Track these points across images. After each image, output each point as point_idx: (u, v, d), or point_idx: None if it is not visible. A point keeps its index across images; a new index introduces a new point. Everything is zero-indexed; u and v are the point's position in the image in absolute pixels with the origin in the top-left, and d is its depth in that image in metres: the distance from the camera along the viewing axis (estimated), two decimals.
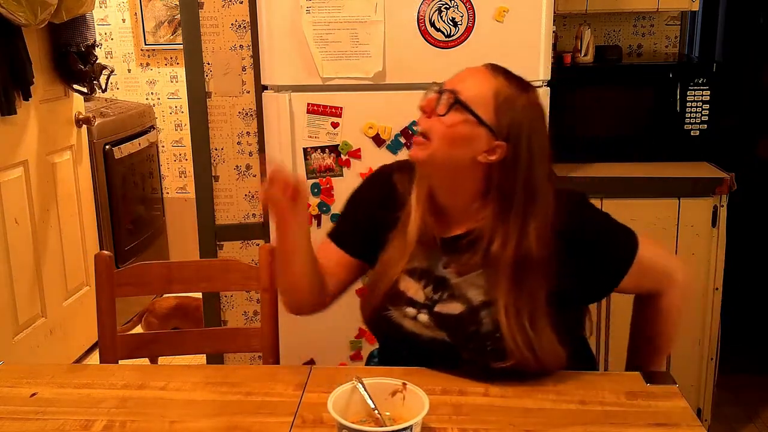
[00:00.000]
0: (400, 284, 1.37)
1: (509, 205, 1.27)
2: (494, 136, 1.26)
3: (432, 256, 1.36)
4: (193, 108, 2.53)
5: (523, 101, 1.28)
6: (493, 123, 1.26)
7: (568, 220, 1.29)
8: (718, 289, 2.38)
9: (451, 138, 1.27)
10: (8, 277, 2.74)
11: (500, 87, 1.27)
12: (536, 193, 1.28)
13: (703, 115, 2.47)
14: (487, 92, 1.27)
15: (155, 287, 1.79)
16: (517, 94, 1.28)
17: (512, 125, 1.27)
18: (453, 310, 1.33)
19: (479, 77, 1.29)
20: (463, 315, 1.31)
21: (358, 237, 1.46)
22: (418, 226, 1.34)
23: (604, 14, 2.74)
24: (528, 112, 1.29)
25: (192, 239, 2.69)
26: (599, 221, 1.38)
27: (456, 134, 1.27)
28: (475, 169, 1.28)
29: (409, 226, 1.35)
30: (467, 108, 1.26)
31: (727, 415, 2.71)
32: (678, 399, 1.25)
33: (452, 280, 1.34)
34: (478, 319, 1.30)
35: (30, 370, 1.41)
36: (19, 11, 2.60)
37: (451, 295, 1.34)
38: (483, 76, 1.29)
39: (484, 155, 1.27)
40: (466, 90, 1.27)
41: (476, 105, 1.26)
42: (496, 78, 1.29)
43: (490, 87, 1.27)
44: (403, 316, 1.36)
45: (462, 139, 1.27)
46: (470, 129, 1.26)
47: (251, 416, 1.22)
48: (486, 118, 1.26)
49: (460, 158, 1.28)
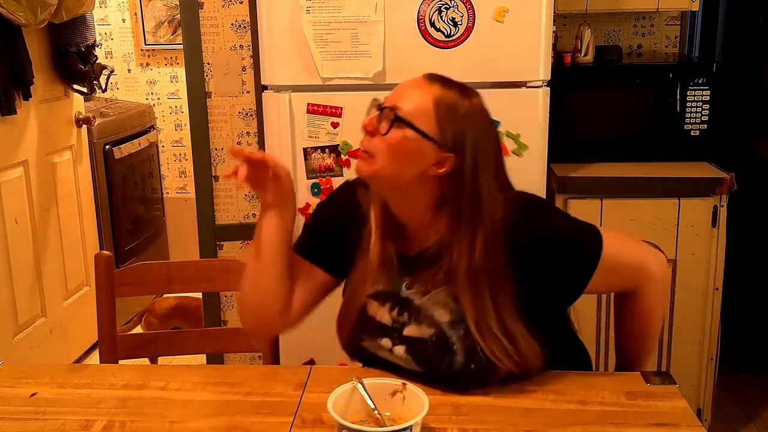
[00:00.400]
0: (368, 309, 1.35)
1: (460, 217, 1.24)
2: (440, 148, 1.23)
3: (394, 278, 1.33)
4: (193, 108, 2.53)
5: (465, 108, 1.25)
6: (437, 135, 1.23)
7: (524, 225, 1.26)
8: (718, 289, 2.38)
9: (397, 156, 1.23)
10: (8, 277, 2.74)
11: (440, 96, 1.24)
12: (483, 202, 1.24)
13: (703, 115, 2.47)
14: (427, 104, 1.23)
15: (155, 287, 1.80)
16: (459, 101, 1.24)
17: (457, 134, 1.23)
18: (422, 333, 1.29)
19: (418, 89, 1.25)
20: (433, 342, 1.28)
21: (324, 247, 1.41)
22: (378, 247, 1.31)
23: (604, 14, 2.74)
24: (471, 119, 1.25)
25: (192, 239, 2.69)
26: (557, 224, 1.32)
27: (401, 151, 1.23)
28: (426, 183, 1.25)
29: (371, 247, 1.32)
30: (408, 124, 1.22)
31: (727, 415, 2.71)
32: (678, 399, 1.25)
33: (416, 301, 1.31)
34: (449, 345, 1.27)
35: (30, 370, 1.41)
36: (19, 11, 2.60)
37: (417, 317, 1.31)
38: (421, 88, 1.25)
39: (433, 168, 1.23)
40: (405, 104, 1.23)
41: (418, 119, 1.22)
42: (434, 88, 1.25)
43: (430, 98, 1.23)
44: (378, 348, 1.34)
45: (407, 155, 1.23)
46: (415, 144, 1.22)
47: (251, 416, 1.22)
48: (429, 130, 1.22)
49: (408, 174, 1.24)
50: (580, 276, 1.30)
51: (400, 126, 1.23)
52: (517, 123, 2.04)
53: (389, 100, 1.26)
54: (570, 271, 1.29)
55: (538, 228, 1.27)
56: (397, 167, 1.24)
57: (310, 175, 2.10)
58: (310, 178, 2.10)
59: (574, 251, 1.29)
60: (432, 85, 1.26)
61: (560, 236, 1.29)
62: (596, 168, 2.43)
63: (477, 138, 1.25)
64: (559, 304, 1.37)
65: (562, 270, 1.28)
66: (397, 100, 1.25)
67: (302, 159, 2.09)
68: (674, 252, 2.34)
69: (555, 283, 1.29)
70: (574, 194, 2.34)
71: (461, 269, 1.24)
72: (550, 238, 1.27)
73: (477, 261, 1.23)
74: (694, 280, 2.35)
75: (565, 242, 1.29)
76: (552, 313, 1.38)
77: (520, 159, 2.06)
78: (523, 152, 2.06)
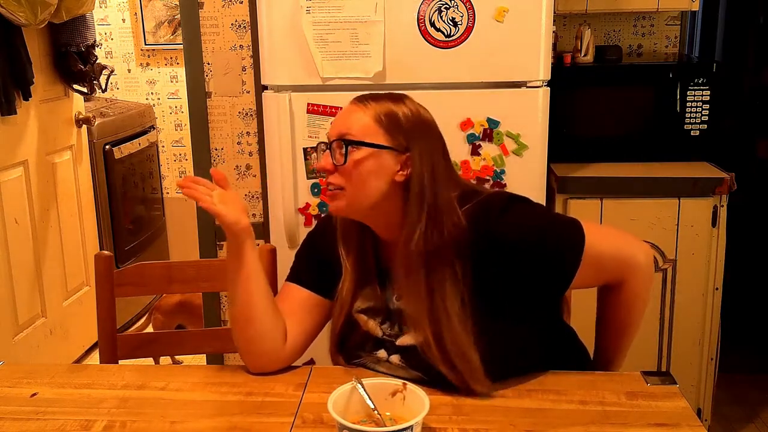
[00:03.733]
0: (361, 326, 1.37)
1: (410, 201, 1.27)
2: (398, 152, 1.27)
3: (382, 293, 1.36)
4: (193, 108, 2.54)
5: (402, 110, 1.29)
6: (390, 142, 1.27)
7: (496, 224, 1.26)
8: (718, 289, 2.38)
9: (363, 177, 1.27)
10: (8, 277, 2.74)
11: (377, 110, 1.29)
12: (435, 198, 1.26)
13: (703, 115, 2.47)
14: (368, 121, 1.28)
15: (155, 287, 1.79)
16: (395, 107, 1.29)
17: (406, 135, 1.28)
18: (413, 340, 1.30)
19: (354, 113, 1.30)
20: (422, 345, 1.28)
21: (318, 273, 1.42)
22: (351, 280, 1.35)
23: (604, 14, 2.74)
24: (410, 118, 1.29)
25: (192, 239, 2.69)
26: (533, 220, 1.31)
27: (365, 172, 1.27)
28: (394, 190, 1.28)
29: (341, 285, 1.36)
30: (361, 143, 1.27)
31: (727, 415, 2.71)
32: (678, 399, 1.25)
33: (407, 311, 1.32)
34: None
35: (30, 370, 1.41)
36: (19, 11, 2.60)
37: (406, 326, 1.32)
38: (357, 111, 1.30)
39: (399, 174, 1.28)
40: (351, 129, 1.28)
41: (368, 136, 1.27)
42: (368, 106, 1.30)
43: (370, 115, 1.28)
44: (376, 362, 1.35)
45: (372, 172, 1.27)
46: (375, 160, 1.27)
47: (251, 416, 1.22)
48: (382, 142, 1.27)
49: (378, 190, 1.28)
50: (564, 271, 1.29)
51: (354, 150, 1.27)
52: (517, 123, 2.04)
53: (333, 134, 1.31)
54: (553, 266, 1.29)
55: (512, 225, 1.27)
56: (366, 188, 1.28)
57: (309, 175, 2.10)
58: (310, 178, 2.10)
59: (554, 245, 1.29)
60: (365, 105, 1.31)
61: (538, 231, 1.29)
62: (596, 168, 2.43)
63: (421, 134, 1.29)
64: (543, 301, 1.36)
65: (545, 265, 1.28)
66: (340, 129, 1.30)
67: (302, 159, 2.09)
68: (674, 252, 2.34)
69: (538, 280, 1.28)
70: (574, 194, 2.34)
71: (399, 255, 1.27)
72: (527, 234, 1.27)
73: (414, 251, 1.25)
74: (694, 280, 2.36)
75: (545, 237, 1.29)
76: (549, 313, 1.38)
77: (520, 159, 2.06)
78: (523, 152, 2.06)
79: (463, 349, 1.23)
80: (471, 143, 2.06)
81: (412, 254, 1.26)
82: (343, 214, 1.33)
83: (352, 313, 1.38)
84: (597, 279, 1.37)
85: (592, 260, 1.29)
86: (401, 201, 1.29)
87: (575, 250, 1.29)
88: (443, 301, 1.24)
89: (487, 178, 2.08)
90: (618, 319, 1.42)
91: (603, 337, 1.46)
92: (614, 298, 1.39)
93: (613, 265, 1.34)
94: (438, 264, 1.25)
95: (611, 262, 1.34)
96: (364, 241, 1.37)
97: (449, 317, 1.24)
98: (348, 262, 1.36)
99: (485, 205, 1.29)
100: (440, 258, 1.25)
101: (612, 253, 1.34)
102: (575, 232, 1.30)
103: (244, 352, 1.38)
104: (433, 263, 1.25)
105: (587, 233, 1.30)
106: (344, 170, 1.28)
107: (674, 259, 2.34)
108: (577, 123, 2.52)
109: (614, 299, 1.39)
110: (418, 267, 1.25)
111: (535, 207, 1.37)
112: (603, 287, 1.41)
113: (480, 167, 2.07)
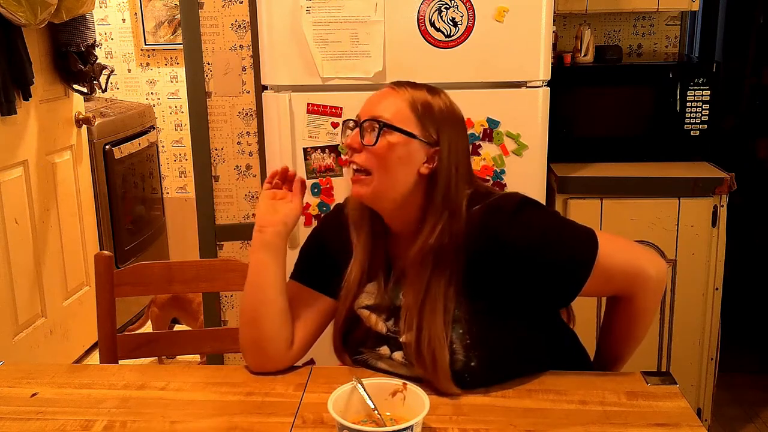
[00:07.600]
0: (364, 321, 1.36)
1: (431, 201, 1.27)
2: (428, 144, 1.27)
3: (389, 290, 1.35)
4: (193, 108, 2.54)
5: (438, 104, 1.29)
6: (421, 133, 1.26)
7: (504, 227, 1.25)
8: (718, 289, 2.38)
9: (391, 164, 1.26)
10: (8, 277, 2.74)
11: (413, 98, 1.28)
12: (452, 189, 1.27)
13: (703, 115, 2.47)
14: (403, 107, 1.27)
15: (155, 287, 1.79)
16: (431, 99, 1.29)
17: (438, 128, 1.27)
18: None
19: (390, 97, 1.29)
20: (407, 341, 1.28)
21: (324, 272, 1.41)
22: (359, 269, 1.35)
23: (604, 14, 2.74)
24: (445, 113, 1.29)
25: (192, 239, 2.69)
26: (542, 226, 1.28)
27: (394, 159, 1.26)
28: (417, 184, 1.28)
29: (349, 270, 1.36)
30: (395, 128, 1.25)
31: (727, 415, 2.71)
32: (678, 399, 1.25)
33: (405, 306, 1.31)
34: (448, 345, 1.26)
35: (30, 370, 1.41)
36: (19, 11, 2.60)
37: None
38: (393, 95, 1.29)
39: (425, 166, 1.27)
40: (384, 112, 1.27)
41: (400, 122, 1.26)
42: (405, 92, 1.29)
43: (404, 101, 1.27)
44: (378, 358, 1.35)
45: (401, 160, 1.26)
46: (404, 148, 1.26)
47: (252, 416, 1.22)
48: (413, 130, 1.26)
49: (405, 180, 1.27)
50: (574, 279, 1.27)
51: (386, 133, 1.25)
52: (517, 123, 2.04)
53: (365, 113, 1.29)
54: (563, 273, 1.27)
55: (522, 229, 1.25)
56: (393, 176, 1.27)
57: (310, 175, 2.10)
58: (310, 178, 2.10)
59: (566, 252, 1.27)
60: (402, 90, 1.29)
61: (548, 237, 1.27)
62: (596, 168, 2.44)
63: (452, 129, 1.29)
64: (551, 306, 1.37)
65: (554, 271, 1.27)
66: (374, 110, 1.28)
67: (302, 159, 2.09)
68: (674, 252, 2.34)
69: (547, 286, 1.28)
70: (574, 194, 2.34)
71: (414, 249, 1.27)
72: (536, 239, 1.25)
73: (429, 246, 1.25)
74: (694, 280, 2.36)
75: (555, 244, 1.27)
76: (550, 315, 1.38)
77: (520, 159, 2.06)
78: (523, 152, 2.06)
79: (434, 349, 1.23)
80: (471, 143, 2.06)
81: (425, 249, 1.25)
82: (367, 201, 1.32)
83: (354, 308, 1.37)
84: (605, 290, 1.36)
85: (603, 272, 1.27)
86: (422, 194, 1.28)
87: (586, 260, 1.26)
88: (436, 299, 1.24)
89: (487, 178, 2.08)
90: (623, 330, 1.41)
91: (606, 343, 1.45)
92: (622, 309, 1.38)
93: (622, 278, 1.32)
94: (442, 262, 1.25)
95: (621, 275, 1.31)
96: (374, 230, 1.35)
97: (435, 316, 1.24)
98: (358, 248, 1.35)
99: (496, 207, 1.28)
100: (445, 256, 1.25)
101: (623, 266, 1.31)
102: (588, 242, 1.28)
103: (246, 352, 1.38)
104: (439, 261, 1.25)
105: (600, 243, 1.27)
106: (374, 152, 1.26)
107: (674, 259, 2.34)
108: (577, 123, 2.52)
109: (622, 310, 1.38)
110: (426, 263, 1.25)
111: (547, 212, 1.36)
112: (611, 297, 1.40)
113: (480, 167, 2.07)
